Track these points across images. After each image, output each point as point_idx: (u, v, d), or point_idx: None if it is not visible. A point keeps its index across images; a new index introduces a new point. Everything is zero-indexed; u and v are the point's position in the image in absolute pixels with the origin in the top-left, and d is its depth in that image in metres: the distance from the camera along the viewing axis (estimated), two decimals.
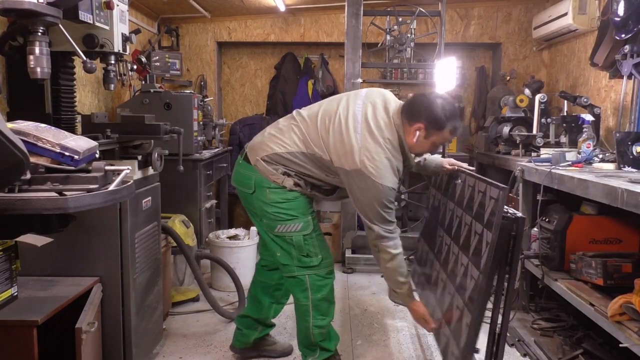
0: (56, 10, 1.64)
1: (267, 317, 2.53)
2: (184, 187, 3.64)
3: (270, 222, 2.20)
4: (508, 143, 3.84)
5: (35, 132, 1.43)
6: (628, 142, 2.59)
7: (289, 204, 2.18)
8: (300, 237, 2.20)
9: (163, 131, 2.45)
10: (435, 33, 4.36)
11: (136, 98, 3.63)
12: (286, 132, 2.19)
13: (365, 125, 2.07)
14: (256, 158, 2.19)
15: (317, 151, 2.12)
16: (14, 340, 1.67)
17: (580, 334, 2.69)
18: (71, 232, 1.75)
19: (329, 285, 2.30)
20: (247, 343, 2.54)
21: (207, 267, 3.79)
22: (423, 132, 2.09)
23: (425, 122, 2.07)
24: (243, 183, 2.23)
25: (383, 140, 2.05)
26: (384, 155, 2.03)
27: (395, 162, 2.08)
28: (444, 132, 2.10)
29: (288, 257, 2.23)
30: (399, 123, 2.10)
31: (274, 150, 2.16)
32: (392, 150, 2.07)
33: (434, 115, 2.06)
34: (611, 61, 3.08)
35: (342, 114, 2.11)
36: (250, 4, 4.50)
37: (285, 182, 2.16)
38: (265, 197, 2.17)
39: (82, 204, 1.33)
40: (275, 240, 2.23)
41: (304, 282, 2.24)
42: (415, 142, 2.11)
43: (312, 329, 2.27)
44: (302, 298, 2.26)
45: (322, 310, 2.27)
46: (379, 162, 2.02)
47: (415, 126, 2.08)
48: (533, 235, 3.00)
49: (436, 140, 2.13)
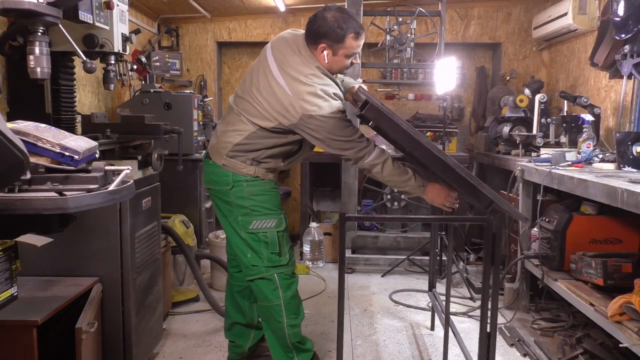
0: (56, 10, 1.63)
1: (253, 318, 2.50)
2: (184, 187, 3.64)
3: (246, 217, 2.19)
4: (508, 143, 3.84)
5: (35, 132, 1.43)
6: (628, 142, 2.59)
7: (265, 197, 2.20)
8: (275, 233, 2.21)
9: (163, 131, 2.45)
10: (435, 33, 4.36)
11: (136, 98, 3.63)
12: (233, 122, 2.21)
13: (285, 75, 2.08)
14: (222, 157, 2.19)
15: (264, 123, 2.13)
16: (14, 340, 1.67)
17: (580, 334, 2.69)
18: (71, 232, 1.75)
19: (295, 283, 2.30)
20: (243, 353, 2.52)
21: (207, 267, 3.79)
22: (329, 50, 2.10)
23: (325, 40, 2.09)
24: (219, 182, 2.22)
25: (305, 77, 2.06)
26: (315, 89, 2.04)
27: (329, 88, 2.09)
28: (347, 42, 2.10)
29: (257, 258, 2.21)
30: (309, 54, 2.12)
31: (233, 142, 2.17)
32: (319, 81, 2.08)
33: (330, 29, 2.07)
34: (611, 61, 3.08)
35: (262, 78, 2.14)
36: (250, 4, 4.50)
37: (257, 171, 2.18)
38: (243, 191, 2.18)
39: (82, 204, 1.33)
40: (247, 239, 2.21)
41: (274, 281, 2.22)
42: (328, 63, 2.12)
43: (287, 329, 2.24)
44: (273, 298, 2.23)
45: (293, 309, 2.26)
46: (314, 98, 2.04)
47: (319, 48, 2.10)
48: (533, 235, 3.00)
49: (345, 52, 2.12)
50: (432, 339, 2.86)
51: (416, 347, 2.76)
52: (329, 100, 2.07)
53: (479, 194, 1.84)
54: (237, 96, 2.26)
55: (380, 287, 3.70)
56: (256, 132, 2.15)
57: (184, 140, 2.77)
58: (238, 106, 2.21)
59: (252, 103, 2.16)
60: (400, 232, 4.33)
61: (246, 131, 2.16)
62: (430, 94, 4.92)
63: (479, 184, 1.83)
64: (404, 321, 3.10)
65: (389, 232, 4.31)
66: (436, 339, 2.85)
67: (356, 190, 4.12)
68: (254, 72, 2.21)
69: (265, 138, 2.16)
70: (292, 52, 2.13)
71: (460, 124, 4.98)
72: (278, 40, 2.23)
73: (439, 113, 4.60)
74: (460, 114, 5.04)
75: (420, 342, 2.81)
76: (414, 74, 4.55)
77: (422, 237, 4.20)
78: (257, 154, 2.18)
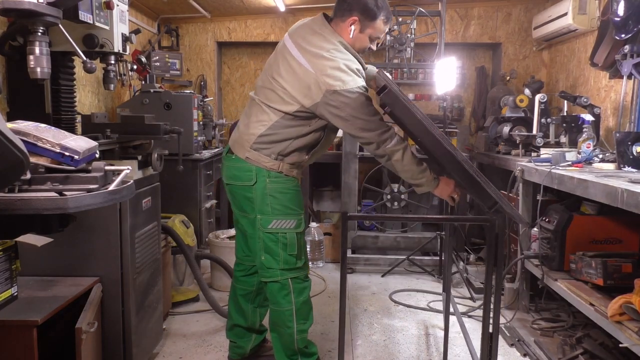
0: (56, 10, 1.63)
1: (254, 323, 2.47)
2: (184, 187, 3.64)
3: (267, 216, 2.14)
4: (508, 143, 3.84)
5: (35, 132, 1.43)
6: (628, 142, 2.59)
7: (288, 195, 2.15)
8: (294, 234, 2.17)
9: (163, 131, 2.45)
10: (435, 33, 4.36)
11: (136, 98, 3.63)
12: (255, 113, 2.16)
13: (306, 53, 2.05)
14: (246, 150, 2.14)
15: (286, 107, 2.08)
16: (14, 340, 1.67)
17: (580, 334, 2.69)
18: (71, 232, 1.75)
19: (308, 288, 2.26)
20: (244, 354, 2.49)
21: (207, 267, 3.79)
22: (358, 26, 2.10)
23: (357, 14, 2.08)
24: (241, 177, 2.16)
25: (327, 52, 2.02)
26: (337, 64, 2.00)
27: (352, 64, 2.05)
28: (378, 23, 2.11)
29: (272, 260, 2.17)
30: (331, 30, 2.10)
31: (257, 133, 2.11)
32: (342, 55, 2.05)
33: (365, 5, 2.07)
34: (611, 61, 3.08)
35: (282, 62, 2.10)
36: (250, 4, 4.51)
37: (281, 167, 2.12)
38: (266, 187, 2.12)
39: (82, 204, 1.33)
40: (265, 239, 2.16)
41: (287, 286, 2.18)
42: (353, 38, 2.11)
43: (296, 334, 2.21)
44: (285, 303, 2.19)
45: (303, 314, 2.23)
46: (338, 72, 1.99)
47: (348, 21, 2.09)
48: (533, 235, 3.00)
49: (372, 32, 2.13)
50: (432, 339, 2.86)
51: (416, 347, 2.76)
52: (353, 75, 2.01)
53: (484, 193, 1.82)
54: (257, 88, 2.22)
55: (380, 287, 3.70)
56: (279, 121, 2.09)
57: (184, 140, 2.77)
58: (259, 96, 2.16)
59: (273, 89, 2.11)
60: (400, 232, 4.33)
61: (269, 121, 2.10)
62: (430, 94, 4.92)
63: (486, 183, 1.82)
64: (404, 321, 3.10)
65: (389, 232, 4.31)
66: (436, 338, 2.85)
67: (356, 190, 4.12)
68: (273, 60, 2.17)
69: (288, 127, 2.10)
70: (311, 31, 2.11)
71: (460, 124, 4.97)
72: (296, 26, 2.20)
73: (439, 113, 4.60)
74: (460, 114, 5.04)
75: (421, 342, 2.81)
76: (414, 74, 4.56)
77: (422, 237, 4.20)
78: (283, 146, 2.11)
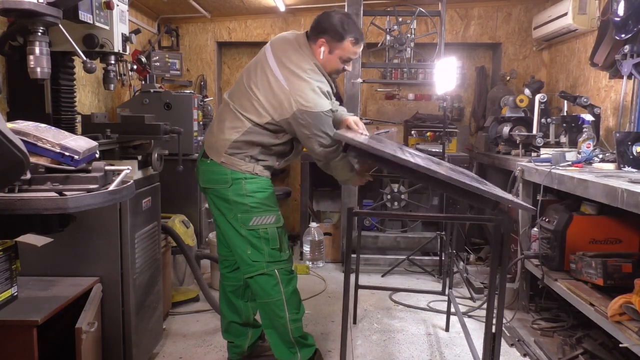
0: (56, 10, 1.63)
1: (249, 317, 2.51)
2: (184, 187, 3.63)
3: (246, 215, 2.22)
4: (508, 143, 3.84)
5: (35, 132, 1.43)
6: (628, 142, 2.59)
7: (264, 193, 2.24)
8: (275, 229, 2.25)
9: (163, 131, 2.45)
10: (435, 33, 4.36)
11: (136, 98, 3.63)
12: (231, 119, 2.23)
13: (284, 69, 2.15)
14: (221, 155, 2.22)
15: (258, 119, 2.18)
16: (14, 340, 1.67)
17: (580, 334, 2.69)
18: (71, 232, 1.75)
19: (294, 280, 2.33)
20: (242, 353, 2.52)
21: (207, 267, 3.79)
22: (326, 47, 2.19)
23: (325, 36, 2.18)
24: (218, 180, 2.24)
25: (304, 73, 2.13)
26: (312, 87, 2.12)
27: (324, 86, 2.18)
28: (345, 44, 2.19)
29: (258, 253, 2.24)
30: (310, 51, 2.20)
31: (232, 139, 2.19)
32: (317, 77, 2.16)
33: (332, 27, 2.17)
34: (611, 61, 3.08)
35: (260, 73, 2.20)
36: (250, 4, 4.50)
37: (255, 168, 2.22)
38: (242, 189, 2.21)
39: (82, 204, 1.33)
40: (248, 236, 2.23)
41: (275, 276, 2.25)
42: (323, 59, 2.20)
43: (290, 323, 2.27)
44: (274, 293, 2.25)
45: (294, 304, 2.29)
46: (310, 95, 2.11)
47: (318, 42, 2.19)
48: (533, 235, 3.00)
49: (341, 54, 2.21)
50: (432, 339, 2.86)
51: (416, 347, 2.76)
52: (323, 98, 2.16)
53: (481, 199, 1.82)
54: (232, 92, 2.30)
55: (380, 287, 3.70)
56: (252, 129, 2.19)
57: (184, 140, 2.77)
58: (234, 102, 2.24)
59: (248, 99, 2.20)
60: (400, 232, 4.33)
61: (243, 128, 2.20)
62: (430, 94, 4.92)
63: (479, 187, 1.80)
64: (404, 321, 3.10)
65: (389, 232, 4.31)
66: (436, 338, 2.85)
67: (356, 190, 4.12)
68: (252, 68, 2.25)
69: (260, 135, 2.20)
70: (293, 48, 2.20)
71: (460, 124, 4.98)
72: (278, 39, 2.28)
73: (439, 113, 4.60)
74: (460, 114, 5.04)
75: (421, 342, 2.81)
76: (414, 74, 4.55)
77: (422, 237, 4.20)
78: (256, 151, 2.22)
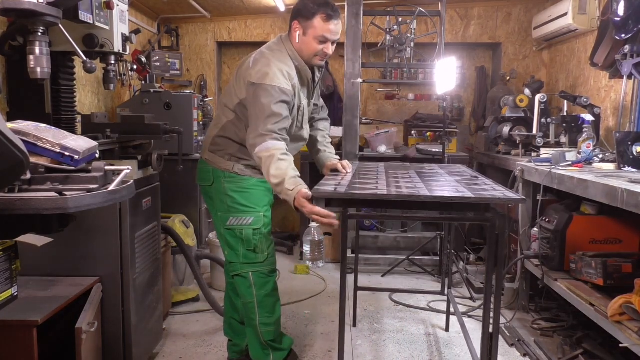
0: (56, 10, 1.63)
1: None
2: (184, 187, 3.64)
3: (224, 214, 2.24)
4: (508, 143, 3.84)
5: (35, 132, 1.43)
6: (628, 142, 2.59)
7: (243, 194, 2.23)
8: (250, 231, 2.23)
9: (163, 131, 2.45)
10: (435, 33, 4.36)
11: (136, 98, 3.63)
12: (217, 115, 2.33)
13: (257, 53, 2.20)
14: (205, 152, 2.29)
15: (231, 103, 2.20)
16: (14, 340, 1.67)
17: (580, 334, 2.69)
18: (71, 232, 1.75)
19: (271, 282, 2.31)
20: (242, 352, 2.52)
21: (207, 267, 3.79)
22: (300, 30, 2.16)
23: (298, 17, 2.16)
24: (203, 178, 2.30)
25: (269, 52, 2.17)
26: (269, 62, 2.10)
27: (285, 67, 2.12)
28: (316, 21, 2.11)
29: (234, 254, 2.26)
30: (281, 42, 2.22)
31: (213, 135, 2.26)
32: (279, 56, 2.15)
33: (302, 6, 2.14)
34: (611, 61, 3.08)
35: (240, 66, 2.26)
36: (250, 4, 4.50)
37: (235, 167, 2.23)
38: (221, 187, 2.24)
39: (82, 204, 1.33)
40: (225, 235, 2.26)
41: (248, 279, 2.25)
42: (299, 43, 2.16)
43: (260, 327, 2.27)
44: (247, 295, 2.27)
45: (267, 307, 2.28)
46: (265, 68, 2.08)
47: (293, 27, 2.18)
48: (533, 235, 3.00)
49: (314, 33, 2.12)
50: (431, 339, 2.86)
51: (416, 347, 2.76)
52: (279, 74, 2.07)
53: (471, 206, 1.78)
54: (224, 91, 2.38)
55: (381, 287, 3.70)
56: (230, 122, 2.22)
57: (184, 140, 2.77)
58: (223, 98, 2.31)
59: (230, 88, 2.26)
60: (400, 232, 4.33)
61: (221, 123, 2.25)
62: (430, 94, 4.92)
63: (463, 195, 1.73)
64: (404, 321, 3.10)
65: (389, 232, 4.31)
66: (436, 338, 2.85)
67: None
68: None
69: (235, 129, 2.21)
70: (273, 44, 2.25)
71: (460, 124, 4.98)
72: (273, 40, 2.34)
73: (439, 113, 4.60)
74: (460, 114, 5.04)
75: (421, 342, 2.81)
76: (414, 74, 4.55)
77: (422, 237, 4.20)
78: (235, 148, 2.23)
